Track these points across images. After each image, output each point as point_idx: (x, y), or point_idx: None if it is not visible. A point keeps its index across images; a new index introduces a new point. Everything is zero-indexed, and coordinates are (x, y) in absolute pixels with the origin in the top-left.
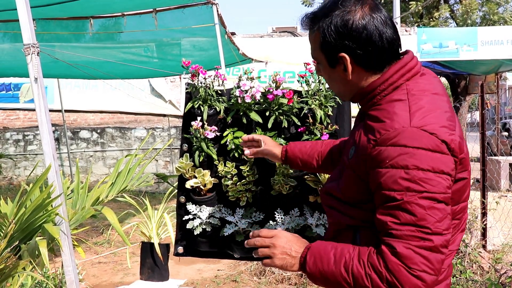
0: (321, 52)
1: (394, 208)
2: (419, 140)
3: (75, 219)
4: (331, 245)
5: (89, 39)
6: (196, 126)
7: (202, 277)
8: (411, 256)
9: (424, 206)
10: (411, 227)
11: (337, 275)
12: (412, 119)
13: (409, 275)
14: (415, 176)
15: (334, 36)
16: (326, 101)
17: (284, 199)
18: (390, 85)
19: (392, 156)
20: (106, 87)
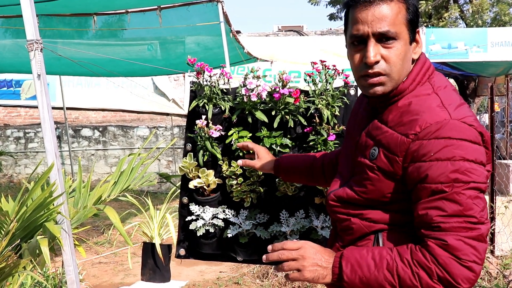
0: (405, 26)
1: (441, 200)
2: (463, 132)
3: (76, 218)
4: (366, 249)
5: (92, 36)
6: (200, 125)
7: (204, 279)
8: (462, 247)
9: (471, 196)
10: (459, 218)
11: (380, 279)
12: (451, 112)
13: (461, 267)
14: (462, 167)
15: (416, 11)
16: (333, 101)
17: (289, 201)
18: (417, 84)
19: (437, 149)
20: (109, 85)
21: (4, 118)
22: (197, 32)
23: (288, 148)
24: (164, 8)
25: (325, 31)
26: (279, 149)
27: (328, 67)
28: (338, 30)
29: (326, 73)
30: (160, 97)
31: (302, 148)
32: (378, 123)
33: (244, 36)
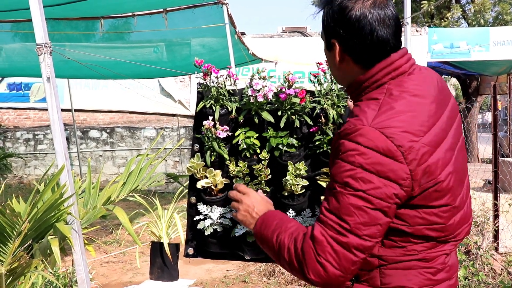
0: (323, 32)
1: (330, 195)
2: (373, 141)
3: (86, 218)
4: (280, 215)
5: (99, 39)
6: (207, 126)
7: (211, 277)
8: (322, 243)
9: (354, 204)
10: (335, 217)
11: (269, 241)
12: (375, 119)
13: (315, 260)
14: (357, 174)
15: (331, 21)
16: (339, 101)
17: (296, 200)
18: (373, 83)
19: (345, 150)
20: (116, 87)
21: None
22: (203, 34)
23: (294, 148)
24: (170, 10)
25: None
26: (285, 148)
27: None
28: None
29: (331, 73)
30: (166, 98)
31: (308, 148)
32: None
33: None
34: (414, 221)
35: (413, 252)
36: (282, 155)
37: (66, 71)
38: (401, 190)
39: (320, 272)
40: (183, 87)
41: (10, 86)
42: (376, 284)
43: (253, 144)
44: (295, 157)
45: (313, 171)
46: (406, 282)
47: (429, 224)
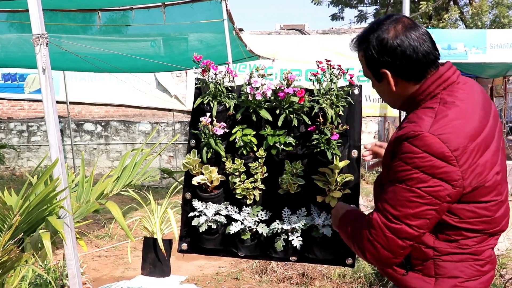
0: (368, 69)
1: (388, 188)
2: (430, 146)
3: (79, 212)
4: (354, 212)
5: (97, 32)
6: (205, 122)
7: (203, 274)
8: (376, 228)
9: (407, 197)
10: (389, 207)
11: (344, 232)
12: (432, 126)
13: (368, 242)
14: (414, 174)
15: (374, 54)
16: (338, 101)
17: (292, 198)
18: (427, 95)
19: (405, 151)
20: (112, 80)
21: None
22: (201, 29)
23: (291, 147)
24: (169, 5)
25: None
26: (282, 147)
27: (333, 67)
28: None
29: (331, 73)
30: (162, 93)
31: (305, 147)
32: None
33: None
34: (465, 214)
35: (465, 247)
36: (279, 154)
37: (62, 63)
38: (453, 190)
39: (373, 252)
40: (179, 82)
41: (5, 76)
42: (430, 273)
43: (250, 141)
44: (292, 156)
45: (310, 170)
46: (459, 273)
47: (478, 217)
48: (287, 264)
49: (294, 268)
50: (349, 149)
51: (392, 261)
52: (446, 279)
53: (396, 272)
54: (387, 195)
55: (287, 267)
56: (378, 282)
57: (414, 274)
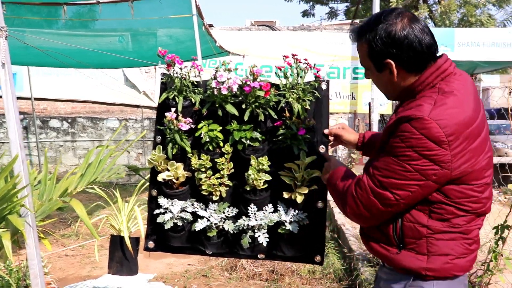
0: (369, 59)
1: (381, 157)
2: (428, 130)
3: (41, 210)
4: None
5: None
6: (170, 118)
7: (172, 272)
8: (363, 189)
9: (396, 169)
10: (378, 174)
11: (332, 185)
12: (432, 112)
13: (352, 199)
14: (407, 151)
15: (380, 45)
16: (304, 95)
17: (258, 195)
18: (426, 85)
19: (403, 130)
20: (78, 75)
21: None
22: (169, 24)
23: (258, 142)
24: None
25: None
26: (249, 142)
27: (299, 61)
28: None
29: (297, 67)
30: (131, 89)
31: (272, 142)
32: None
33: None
34: (455, 195)
35: (456, 226)
36: (245, 149)
37: (25, 57)
38: (440, 171)
39: (354, 208)
40: (148, 78)
41: None
42: (423, 251)
43: (216, 137)
44: (259, 152)
45: (277, 166)
46: (449, 251)
47: (467, 197)
48: (257, 261)
49: (263, 265)
50: (317, 144)
51: (368, 221)
52: (437, 257)
53: (389, 251)
54: (379, 163)
55: (256, 264)
56: (348, 277)
57: (407, 252)
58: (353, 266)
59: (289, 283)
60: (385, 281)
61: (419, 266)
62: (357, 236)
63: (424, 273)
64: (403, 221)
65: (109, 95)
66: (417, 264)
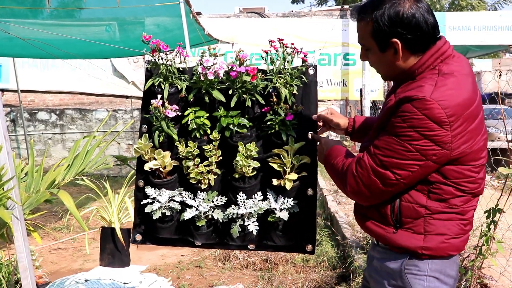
0: (372, 39)
1: (382, 136)
2: (429, 110)
3: (28, 203)
4: (343, 150)
5: (47, 16)
6: (156, 105)
7: (165, 263)
8: (363, 167)
9: (397, 149)
10: (379, 153)
11: (329, 164)
12: (434, 92)
13: (352, 177)
14: (408, 131)
15: (388, 24)
16: (291, 80)
17: (247, 182)
18: (426, 67)
19: (404, 110)
20: (66, 67)
21: None
22: (157, 13)
23: (245, 128)
24: None
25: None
26: (236, 129)
27: (286, 45)
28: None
29: (284, 51)
30: (119, 79)
31: (260, 129)
32: (392, 94)
33: (204, 18)
34: (453, 175)
35: (454, 206)
36: (233, 136)
37: (10, 49)
38: (440, 151)
39: (353, 187)
40: (136, 68)
41: None
42: (420, 231)
43: (203, 124)
44: (246, 138)
45: (265, 153)
46: (446, 231)
47: (464, 178)
48: (250, 251)
49: (257, 254)
50: (305, 130)
51: (368, 200)
52: (434, 236)
53: (385, 230)
54: (380, 143)
55: (250, 253)
56: (342, 265)
57: (404, 232)
58: (346, 254)
59: (283, 272)
60: (379, 259)
61: (416, 245)
62: (350, 224)
63: (420, 252)
64: (401, 201)
65: (98, 86)
66: (413, 243)
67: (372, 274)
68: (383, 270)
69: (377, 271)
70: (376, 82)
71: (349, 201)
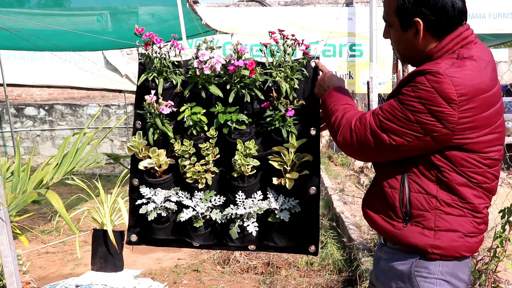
0: (395, 15)
1: (389, 100)
2: (440, 84)
3: (15, 204)
4: (346, 93)
5: (34, 5)
6: (149, 101)
7: (161, 267)
8: (363, 123)
9: (398, 115)
10: (382, 115)
11: (327, 107)
12: (448, 69)
13: (348, 129)
14: (413, 102)
15: (413, 2)
16: (292, 73)
17: (246, 181)
18: (445, 52)
19: (417, 81)
20: (55, 59)
21: None
22: (151, 1)
23: (244, 125)
24: None
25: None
26: (234, 125)
27: (286, 37)
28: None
29: (284, 43)
30: (112, 72)
31: (259, 125)
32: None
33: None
34: (459, 162)
35: (465, 200)
36: (231, 133)
37: None
38: (442, 129)
39: (346, 138)
40: (130, 60)
41: None
42: (430, 226)
43: (200, 120)
44: (245, 135)
45: (265, 150)
46: (458, 227)
47: (472, 167)
48: (251, 254)
49: (258, 257)
50: (307, 126)
51: (355, 155)
52: (445, 233)
53: (393, 226)
54: (385, 106)
55: (251, 257)
56: (348, 268)
57: (413, 227)
58: (353, 256)
59: (285, 276)
60: (386, 260)
61: (426, 242)
62: (357, 225)
63: (430, 251)
64: (411, 191)
65: (89, 80)
66: (423, 240)
67: (379, 276)
68: (390, 271)
69: (384, 272)
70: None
71: (356, 200)
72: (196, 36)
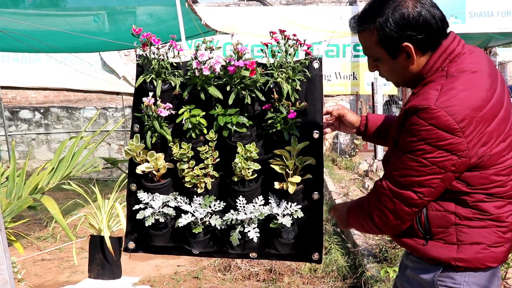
0: (380, 48)
1: (396, 156)
2: (436, 119)
3: (9, 210)
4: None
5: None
6: (147, 103)
7: (160, 274)
8: (383, 192)
9: (413, 166)
10: (396, 175)
11: (356, 221)
12: (439, 99)
13: (375, 206)
14: (420, 145)
15: (395, 29)
16: (294, 74)
17: (247, 186)
18: (435, 70)
19: (411, 124)
20: (50, 61)
21: None
22: (149, 1)
23: (245, 128)
24: None
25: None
26: (234, 128)
27: (288, 37)
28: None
29: (285, 44)
30: (109, 74)
31: (260, 128)
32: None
33: (201, 7)
34: (477, 181)
35: (486, 213)
36: (232, 136)
37: None
38: (458, 160)
39: (382, 217)
40: (128, 62)
41: None
42: (452, 241)
43: (199, 123)
44: (246, 138)
45: (266, 154)
46: (481, 239)
47: (492, 183)
48: (253, 260)
49: (260, 264)
50: (309, 129)
51: (400, 226)
52: (468, 246)
53: (416, 242)
54: (395, 163)
55: (252, 263)
56: (352, 275)
57: (435, 243)
58: (358, 263)
59: (288, 283)
60: (411, 269)
61: (449, 256)
62: None
63: (454, 264)
64: (428, 210)
65: (86, 82)
66: (446, 254)
67: (404, 283)
68: (415, 280)
69: (409, 281)
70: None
71: None
72: (195, 37)
